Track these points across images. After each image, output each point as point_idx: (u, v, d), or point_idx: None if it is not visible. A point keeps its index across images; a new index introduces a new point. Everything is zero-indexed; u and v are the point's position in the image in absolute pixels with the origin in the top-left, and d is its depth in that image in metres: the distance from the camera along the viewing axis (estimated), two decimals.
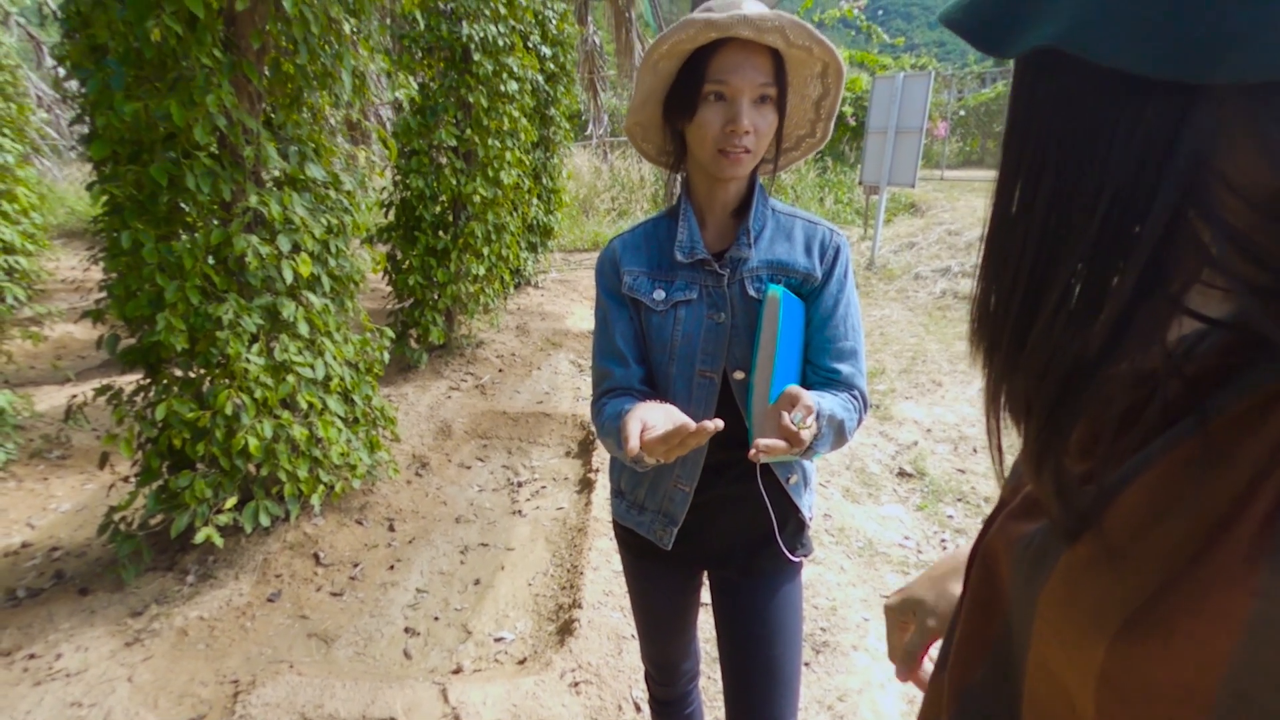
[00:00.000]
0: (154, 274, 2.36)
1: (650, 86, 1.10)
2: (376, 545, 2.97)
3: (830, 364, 1.15)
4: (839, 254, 1.16)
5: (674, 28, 1.02)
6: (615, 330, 1.19)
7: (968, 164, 19.13)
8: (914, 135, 7.25)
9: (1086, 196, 0.37)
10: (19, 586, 2.72)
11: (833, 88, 1.12)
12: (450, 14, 4.32)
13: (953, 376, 4.84)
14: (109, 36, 2.24)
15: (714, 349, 1.14)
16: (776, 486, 1.21)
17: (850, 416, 1.10)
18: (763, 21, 0.97)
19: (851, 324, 1.16)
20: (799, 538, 1.28)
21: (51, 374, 5.04)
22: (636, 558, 1.35)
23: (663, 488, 1.23)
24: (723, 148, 1.04)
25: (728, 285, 1.14)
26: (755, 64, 1.01)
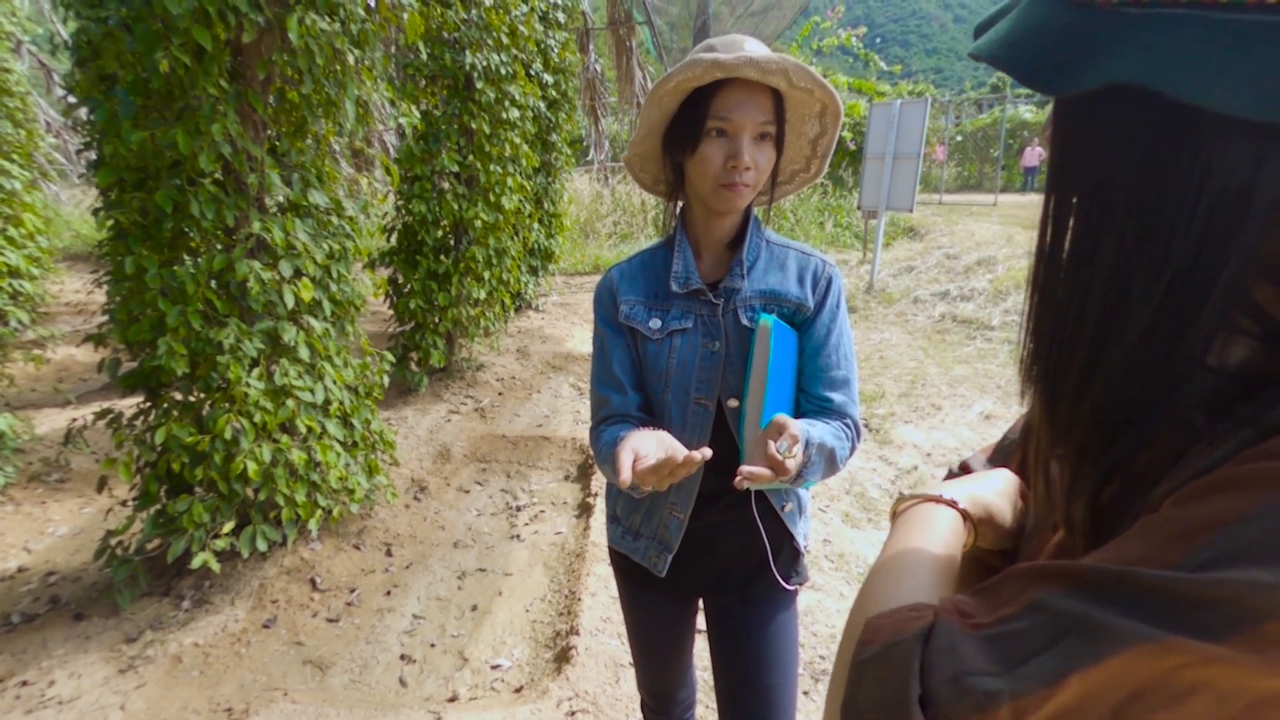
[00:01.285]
0: (156, 299, 2.38)
1: (653, 121, 1.14)
2: (374, 570, 2.96)
3: (823, 392, 1.16)
4: (831, 284, 1.18)
5: (680, 66, 1.06)
6: (613, 358, 1.22)
7: (965, 188, 19.32)
8: (912, 160, 7.33)
9: (1159, 239, 0.36)
10: (14, 611, 2.70)
11: (830, 127, 1.15)
12: (454, 43, 4.40)
13: (952, 400, 4.84)
14: (118, 67, 2.28)
15: (708, 377, 1.16)
16: (771, 514, 1.22)
17: (842, 445, 1.11)
18: (767, 64, 1.00)
19: (844, 353, 1.18)
20: (794, 566, 1.28)
21: (52, 397, 5.06)
22: (632, 584, 1.36)
23: (658, 514, 1.24)
24: (724, 182, 1.07)
25: (722, 314, 1.16)
26: (757, 103, 1.05)
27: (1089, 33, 0.37)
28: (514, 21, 4.68)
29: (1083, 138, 0.40)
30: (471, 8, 4.37)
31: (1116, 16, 0.36)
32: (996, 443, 0.79)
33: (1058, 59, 0.38)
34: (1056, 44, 0.38)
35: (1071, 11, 0.38)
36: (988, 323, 6.39)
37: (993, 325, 6.33)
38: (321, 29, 2.35)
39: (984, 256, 7.92)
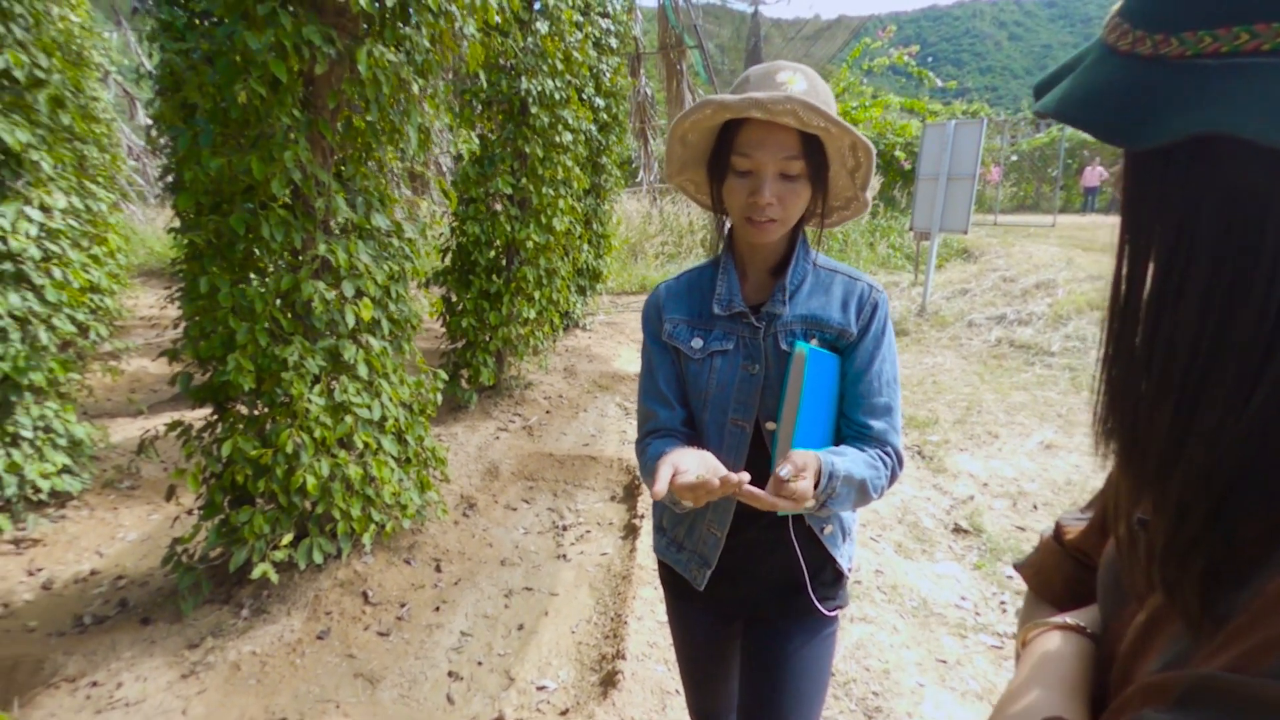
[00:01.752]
0: (227, 316, 2.48)
1: (682, 156, 1.18)
2: (423, 586, 3.00)
3: (862, 419, 1.16)
4: (876, 310, 1.17)
5: (693, 108, 1.09)
6: (659, 374, 1.25)
7: (1021, 208, 18.82)
8: (966, 181, 7.19)
9: (1258, 287, 0.36)
10: (86, 613, 2.83)
11: (863, 161, 1.14)
12: (510, 70, 4.52)
13: (1010, 428, 4.68)
14: (199, 97, 2.41)
15: (747, 399, 1.17)
16: (809, 536, 1.21)
17: (876, 474, 1.10)
18: (773, 104, 0.99)
19: (886, 380, 1.17)
20: (834, 589, 1.27)
21: (126, 406, 5.31)
22: (676, 598, 1.38)
23: (698, 530, 1.26)
24: (747, 216, 1.09)
25: (763, 338, 1.16)
26: (778, 140, 1.04)
27: (1165, 86, 0.37)
28: (569, 48, 4.79)
29: (1162, 189, 0.40)
30: (529, 35, 4.48)
31: (1193, 69, 0.36)
32: (1093, 497, 0.76)
33: (1135, 113, 0.38)
34: (1132, 99, 0.38)
35: (1145, 67, 0.38)
36: (1047, 348, 6.18)
37: (1053, 351, 6.11)
38: (389, 60, 2.45)
39: (1043, 279, 7.68)
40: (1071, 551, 0.73)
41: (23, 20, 3.10)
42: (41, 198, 3.26)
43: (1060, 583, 0.73)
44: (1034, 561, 0.78)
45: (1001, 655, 2.48)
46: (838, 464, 1.04)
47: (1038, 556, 0.77)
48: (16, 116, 3.10)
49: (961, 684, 2.34)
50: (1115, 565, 0.58)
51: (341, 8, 2.36)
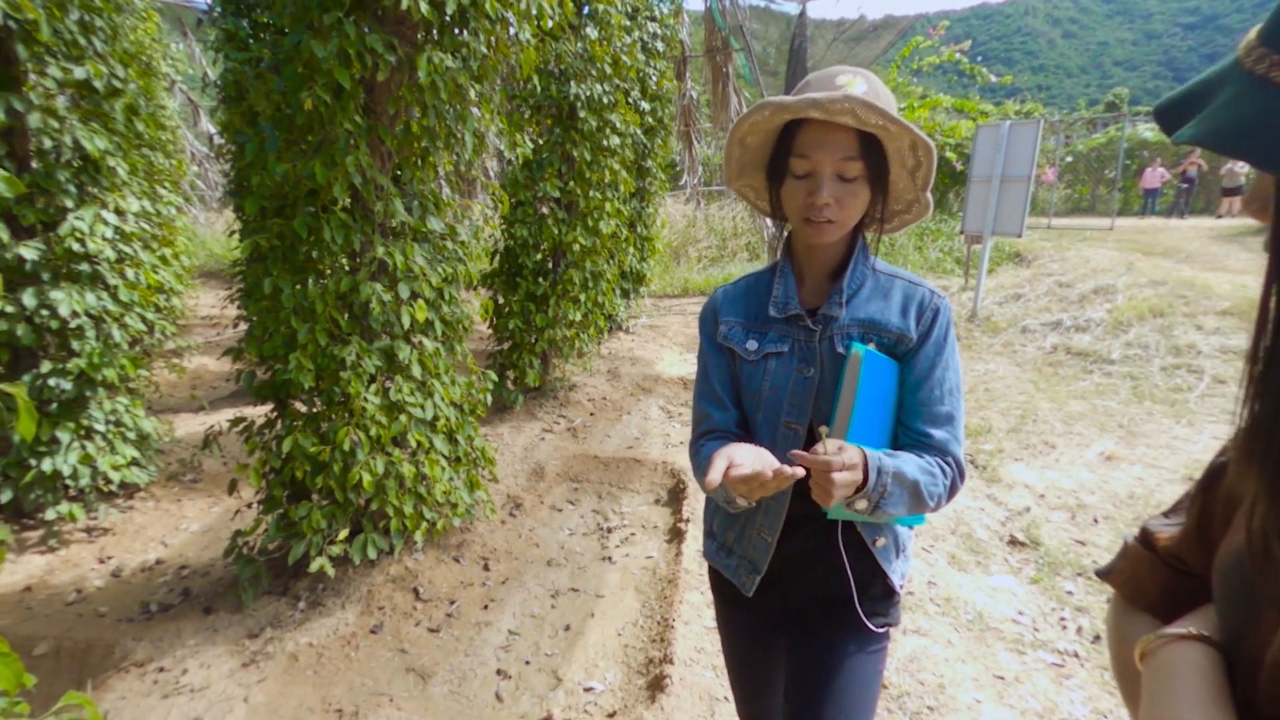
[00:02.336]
0: (289, 317, 2.56)
1: (741, 159, 1.18)
2: (472, 584, 3.04)
3: (921, 427, 1.13)
4: (938, 316, 1.15)
5: (751, 110, 1.09)
6: (713, 375, 1.25)
7: (1076, 211, 18.21)
8: (1021, 184, 6.98)
9: None
10: (152, 601, 2.94)
11: (924, 160, 1.12)
12: (559, 75, 4.56)
13: (1067, 438, 4.53)
14: (264, 104, 2.50)
15: (801, 402, 1.15)
16: (860, 547, 1.18)
17: (933, 481, 1.07)
18: (831, 104, 0.99)
19: (948, 388, 1.14)
20: (884, 605, 1.22)
21: (188, 402, 5.52)
22: (724, 603, 1.37)
23: (748, 535, 1.24)
24: (805, 217, 1.09)
25: (818, 341, 1.15)
26: (836, 141, 1.04)
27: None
28: (617, 52, 4.81)
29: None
30: (578, 41, 4.52)
31: None
32: (1179, 500, 0.74)
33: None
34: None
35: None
36: (1106, 356, 5.96)
37: (1112, 359, 5.89)
38: (447, 66, 2.49)
39: (1101, 285, 7.41)
40: (1166, 559, 0.72)
41: (102, 33, 3.25)
42: (116, 202, 3.42)
43: (1156, 590, 0.72)
44: (1124, 569, 0.76)
45: (1063, 673, 2.40)
46: (887, 461, 1.02)
47: (1127, 564, 0.76)
48: (95, 125, 3.26)
49: (1021, 702, 2.27)
50: (1240, 573, 0.56)
51: (403, 15, 2.41)
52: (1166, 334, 6.06)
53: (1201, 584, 0.68)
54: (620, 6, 4.89)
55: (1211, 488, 0.69)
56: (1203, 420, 4.71)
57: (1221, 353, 5.59)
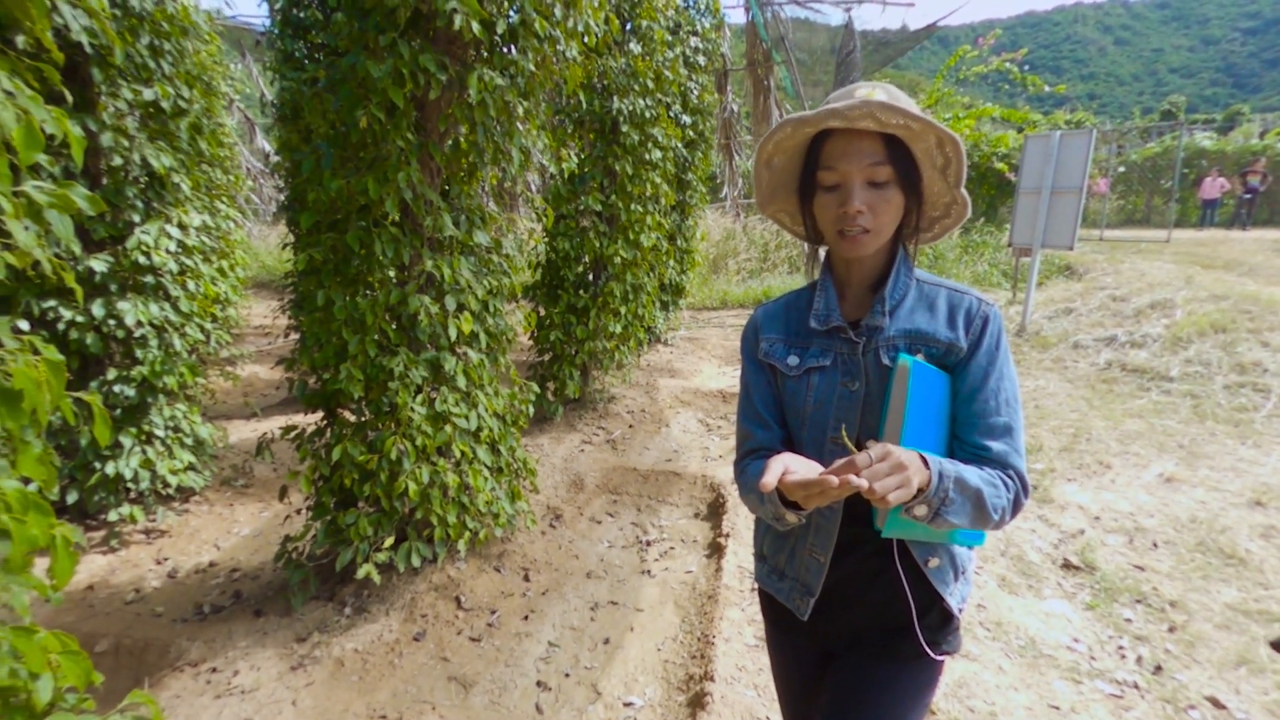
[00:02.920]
0: (341, 328, 2.63)
1: (770, 182, 1.18)
2: (513, 594, 3.06)
3: (979, 440, 1.08)
4: (987, 324, 1.11)
5: (772, 130, 1.08)
6: (755, 394, 1.24)
7: (1129, 223, 17.63)
8: (1072, 195, 6.79)
9: None
10: (206, 602, 3.03)
11: (952, 156, 1.09)
12: (602, 90, 4.62)
13: (1123, 459, 4.36)
14: (319, 122, 2.58)
15: (847, 416, 1.12)
16: (915, 569, 1.14)
17: (996, 493, 1.02)
18: (850, 111, 0.99)
19: (1005, 398, 1.09)
20: (943, 631, 1.17)
21: (241, 409, 5.71)
22: (776, 628, 1.34)
23: (800, 555, 1.21)
24: (839, 229, 1.07)
25: (862, 353, 1.13)
26: (861, 148, 1.03)
27: None
28: (659, 67, 4.85)
29: None
30: (622, 56, 4.57)
31: None
32: None
33: None
34: None
35: None
36: (1165, 373, 5.73)
37: (1171, 376, 5.66)
38: (497, 84, 2.54)
39: (1158, 299, 7.14)
40: None
41: (170, 56, 3.41)
42: (180, 216, 3.56)
43: None
44: None
45: (1122, 705, 2.30)
46: (948, 466, 0.98)
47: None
48: (162, 143, 3.41)
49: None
50: None
51: (455, 35, 2.47)
52: (1229, 350, 5.80)
53: None
54: (663, 22, 4.93)
55: None
56: (1270, 441, 4.49)
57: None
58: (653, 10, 4.69)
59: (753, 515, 3.41)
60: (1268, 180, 15.13)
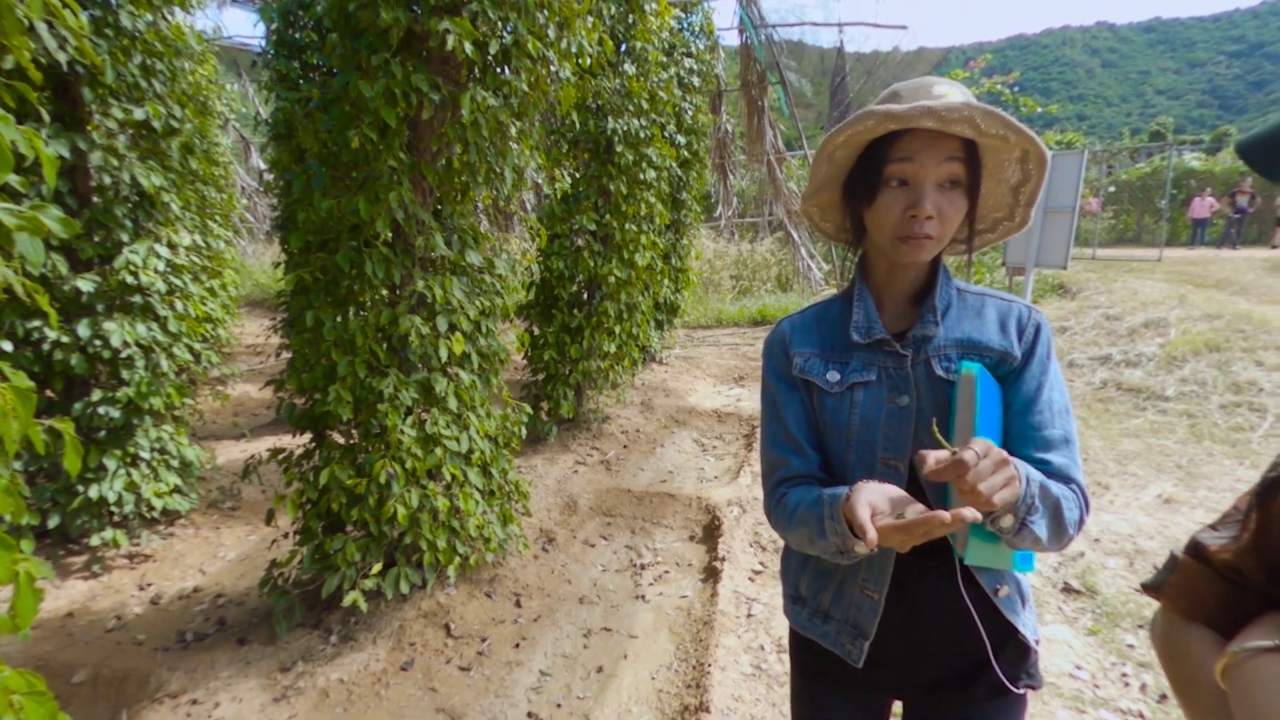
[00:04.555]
0: (330, 349, 2.59)
1: (827, 174, 1.08)
2: (504, 621, 2.99)
3: (1036, 455, 0.99)
4: (1039, 332, 1.05)
5: (852, 119, 0.98)
6: (788, 416, 1.12)
7: (1121, 241, 17.77)
8: (1065, 215, 6.82)
9: None
10: (189, 630, 2.96)
11: (1034, 174, 1.04)
12: (597, 110, 4.63)
13: (1121, 479, 4.33)
14: (312, 142, 2.56)
15: (897, 435, 1.04)
16: (983, 600, 1.04)
17: (1069, 505, 0.94)
18: (949, 113, 0.91)
19: (1058, 409, 1.02)
20: (1023, 665, 1.08)
21: (230, 430, 5.63)
22: (818, 683, 1.20)
23: (848, 593, 1.10)
24: (903, 234, 0.99)
25: (911, 366, 1.05)
26: (941, 148, 0.96)
27: None
28: (654, 88, 4.87)
29: None
30: (616, 77, 4.59)
31: None
32: (1227, 513, 0.76)
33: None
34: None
35: None
36: (1160, 392, 5.72)
37: (1167, 395, 5.65)
38: (490, 104, 2.53)
39: (1152, 318, 7.16)
40: (1224, 571, 0.73)
41: (162, 76, 3.40)
42: (170, 236, 3.53)
43: (1213, 603, 0.74)
44: (1176, 582, 0.77)
45: None
46: (1032, 473, 0.90)
47: (1180, 577, 0.77)
48: (152, 162, 3.39)
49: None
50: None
51: (448, 56, 2.46)
52: (1224, 370, 5.80)
53: (1258, 597, 0.70)
54: (657, 44, 4.96)
55: (1268, 501, 0.69)
56: (1267, 461, 4.46)
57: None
58: (647, 32, 4.72)
59: (752, 541, 3.33)
60: (1256, 201, 15.29)
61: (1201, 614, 0.74)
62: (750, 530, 3.75)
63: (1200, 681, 0.69)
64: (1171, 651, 0.76)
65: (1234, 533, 0.73)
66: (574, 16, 2.71)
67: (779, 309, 10.61)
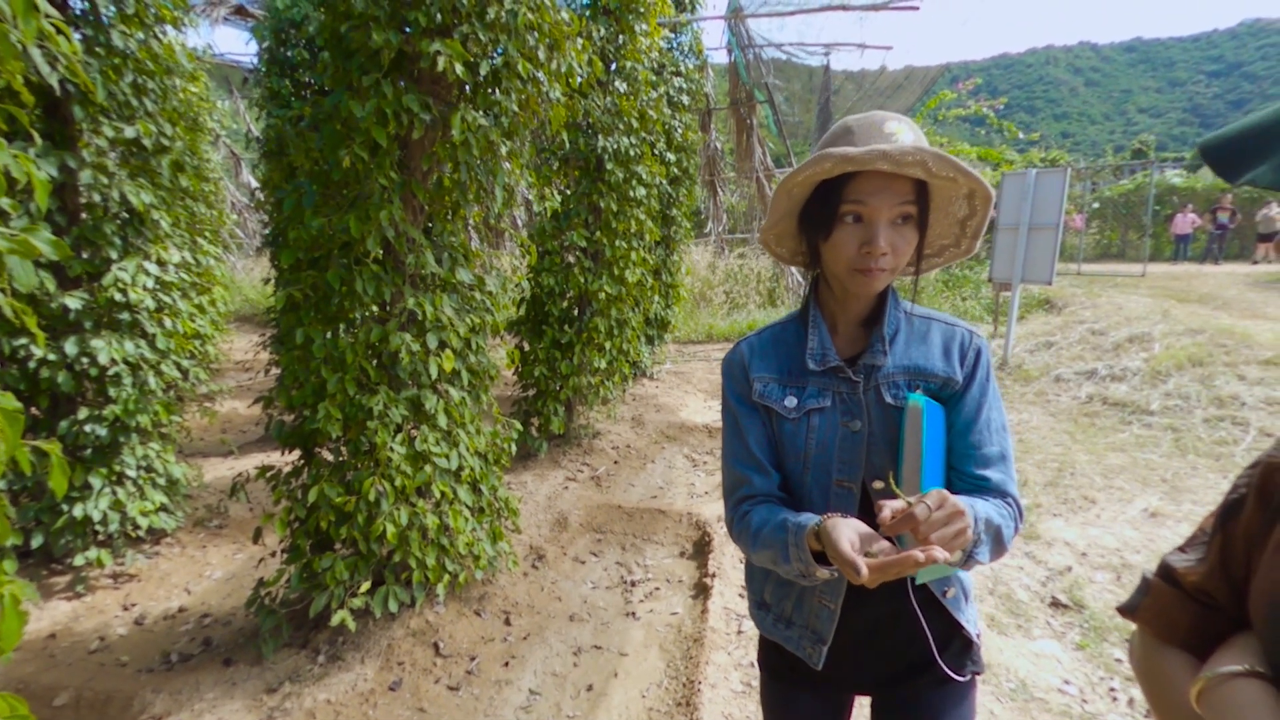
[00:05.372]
0: (320, 366, 2.59)
1: (786, 208, 1.12)
2: (493, 639, 2.97)
3: (976, 471, 1.08)
4: (980, 356, 1.12)
5: (809, 161, 1.03)
6: (749, 436, 1.17)
7: (1106, 257, 18.00)
8: (1049, 232, 6.92)
9: None
10: (173, 651, 2.92)
11: (979, 209, 1.10)
12: (588, 129, 4.67)
13: (1108, 493, 4.36)
14: (303, 160, 2.58)
15: (851, 458, 1.10)
16: (932, 602, 1.13)
17: (1007, 525, 1.03)
18: (902, 156, 0.96)
19: (995, 428, 1.10)
20: (967, 656, 1.17)
21: (218, 447, 5.59)
22: (782, 682, 1.27)
23: (808, 603, 1.17)
24: (859, 267, 1.04)
25: (863, 392, 1.11)
26: (894, 189, 1.00)
27: None
28: (644, 107, 4.92)
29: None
30: (606, 96, 4.64)
31: None
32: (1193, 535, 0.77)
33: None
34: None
35: None
36: (1145, 406, 5.78)
37: (1152, 409, 5.71)
38: (480, 124, 2.56)
39: (1136, 333, 7.25)
40: (1194, 594, 0.74)
41: (153, 94, 3.41)
42: (159, 253, 3.52)
43: (1186, 626, 0.75)
44: (1151, 605, 0.79)
45: None
46: (978, 505, 0.97)
47: (1154, 600, 0.78)
48: (142, 180, 3.39)
49: None
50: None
51: (438, 76, 2.49)
52: (1208, 384, 5.88)
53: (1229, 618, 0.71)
54: (647, 63, 5.02)
55: (1229, 523, 0.71)
56: None
57: (1267, 404, 5.39)
58: (637, 52, 4.78)
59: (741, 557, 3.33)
60: (1236, 217, 15.55)
61: (1176, 636, 0.76)
62: None
63: (1179, 706, 0.70)
64: (1149, 674, 0.78)
65: (1200, 555, 0.74)
66: (564, 38, 2.75)
67: (765, 324, 10.67)
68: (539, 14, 2.62)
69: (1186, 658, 0.73)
